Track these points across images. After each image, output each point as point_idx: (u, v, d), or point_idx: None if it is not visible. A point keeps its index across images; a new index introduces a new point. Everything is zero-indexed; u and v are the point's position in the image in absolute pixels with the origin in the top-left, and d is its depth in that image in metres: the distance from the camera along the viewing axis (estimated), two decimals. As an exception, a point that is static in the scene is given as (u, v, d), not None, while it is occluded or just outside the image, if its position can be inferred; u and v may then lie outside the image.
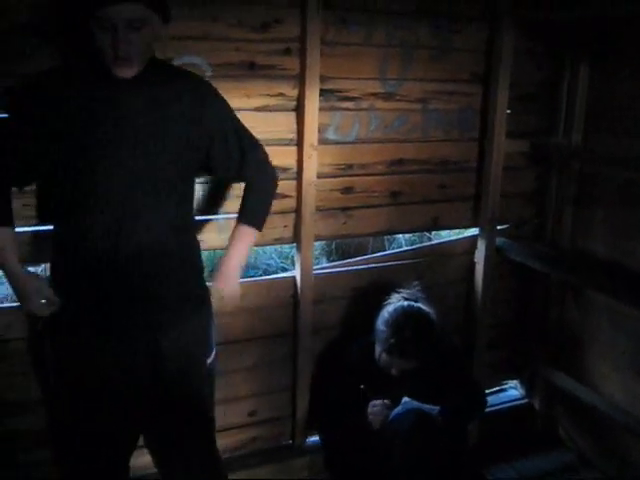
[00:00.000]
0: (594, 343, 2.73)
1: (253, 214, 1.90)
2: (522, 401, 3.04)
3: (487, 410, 2.58)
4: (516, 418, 2.99)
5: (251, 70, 2.14)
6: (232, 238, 1.88)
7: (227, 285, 1.87)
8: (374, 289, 2.47)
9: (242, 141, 1.85)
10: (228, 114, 1.84)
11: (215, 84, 1.83)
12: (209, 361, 1.87)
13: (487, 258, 2.69)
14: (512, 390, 3.09)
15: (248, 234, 1.88)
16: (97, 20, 1.51)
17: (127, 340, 1.71)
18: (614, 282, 2.47)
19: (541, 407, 2.99)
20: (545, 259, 2.72)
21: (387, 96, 2.40)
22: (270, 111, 2.21)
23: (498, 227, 2.72)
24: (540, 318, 2.94)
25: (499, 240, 2.75)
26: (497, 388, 3.06)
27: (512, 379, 3.10)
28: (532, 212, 2.88)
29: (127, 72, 1.59)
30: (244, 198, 1.91)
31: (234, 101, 2.12)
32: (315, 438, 2.58)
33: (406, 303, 2.30)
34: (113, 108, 1.61)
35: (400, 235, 2.98)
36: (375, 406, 2.25)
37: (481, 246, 2.70)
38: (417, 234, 2.99)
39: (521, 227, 2.87)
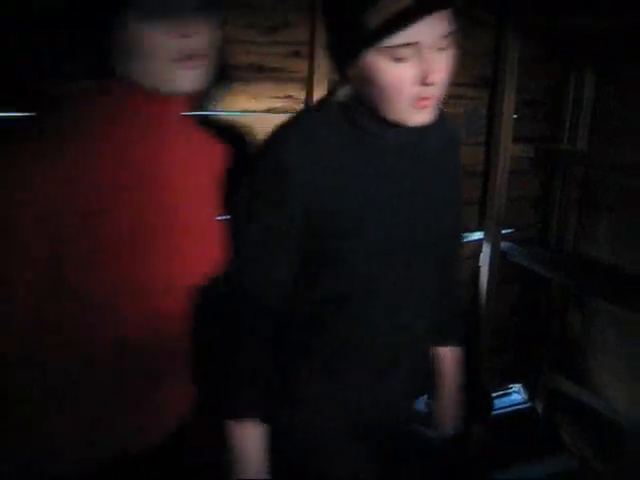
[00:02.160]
0: (597, 348, 2.73)
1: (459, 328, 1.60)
2: (525, 405, 3.04)
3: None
4: (519, 422, 2.99)
5: (260, 72, 2.14)
6: (448, 366, 1.56)
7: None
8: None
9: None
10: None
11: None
12: None
13: (492, 262, 2.69)
14: (515, 394, 3.10)
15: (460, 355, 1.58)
16: (388, 50, 1.09)
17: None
18: (617, 288, 2.47)
19: (544, 411, 3.00)
20: (549, 264, 2.73)
21: (394, 100, 2.41)
22: (278, 113, 2.21)
23: (502, 231, 2.73)
24: (544, 322, 2.95)
25: (503, 244, 2.75)
26: (500, 392, 3.06)
27: (515, 383, 3.10)
28: (536, 217, 2.89)
29: (427, 116, 1.18)
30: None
31: (242, 103, 2.14)
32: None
33: None
34: (385, 172, 1.26)
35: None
36: None
37: (486, 250, 2.70)
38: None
39: (525, 231, 2.88)
